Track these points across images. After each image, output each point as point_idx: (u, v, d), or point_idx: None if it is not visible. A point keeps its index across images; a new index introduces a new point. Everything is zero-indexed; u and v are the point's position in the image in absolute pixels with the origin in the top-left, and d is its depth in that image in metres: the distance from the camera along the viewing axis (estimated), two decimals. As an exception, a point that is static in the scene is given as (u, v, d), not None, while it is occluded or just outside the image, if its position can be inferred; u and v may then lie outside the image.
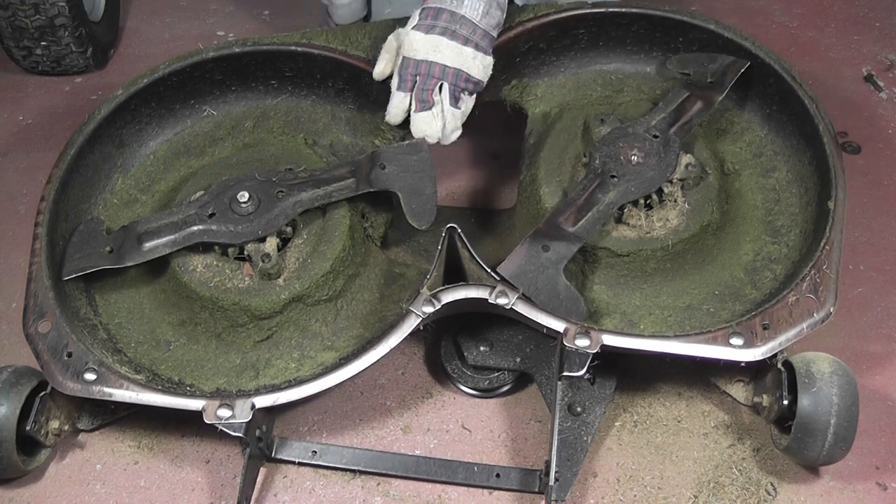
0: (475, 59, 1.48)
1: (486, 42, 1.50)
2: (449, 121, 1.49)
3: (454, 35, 1.46)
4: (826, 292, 1.34)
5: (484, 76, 1.51)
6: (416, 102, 1.48)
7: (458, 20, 1.46)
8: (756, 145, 1.63)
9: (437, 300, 1.34)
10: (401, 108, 1.51)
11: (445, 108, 1.48)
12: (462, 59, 1.47)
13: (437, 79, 1.47)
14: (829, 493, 1.38)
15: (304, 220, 1.49)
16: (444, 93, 1.47)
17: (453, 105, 1.48)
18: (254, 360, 1.42)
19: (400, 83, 1.49)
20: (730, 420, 1.46)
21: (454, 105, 1.49)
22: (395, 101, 1.51)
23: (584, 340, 1.30)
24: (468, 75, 1.48)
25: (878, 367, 1.53)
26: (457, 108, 1.49)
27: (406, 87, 1.49)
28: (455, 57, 1.46)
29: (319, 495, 1.40)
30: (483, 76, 1.51)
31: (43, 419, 1.35)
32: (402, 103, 1.50)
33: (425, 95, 1.47)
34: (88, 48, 2.13)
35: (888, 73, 2.08)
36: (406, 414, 1.50)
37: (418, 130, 1.49)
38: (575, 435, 1.38)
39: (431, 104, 1.47)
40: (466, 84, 1.49)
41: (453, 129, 1.51)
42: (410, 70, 1.47)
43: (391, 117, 1.53)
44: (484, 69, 1.50)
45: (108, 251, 1.45)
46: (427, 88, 1.47)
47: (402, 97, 1.49)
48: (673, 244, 1.45)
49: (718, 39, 1.64)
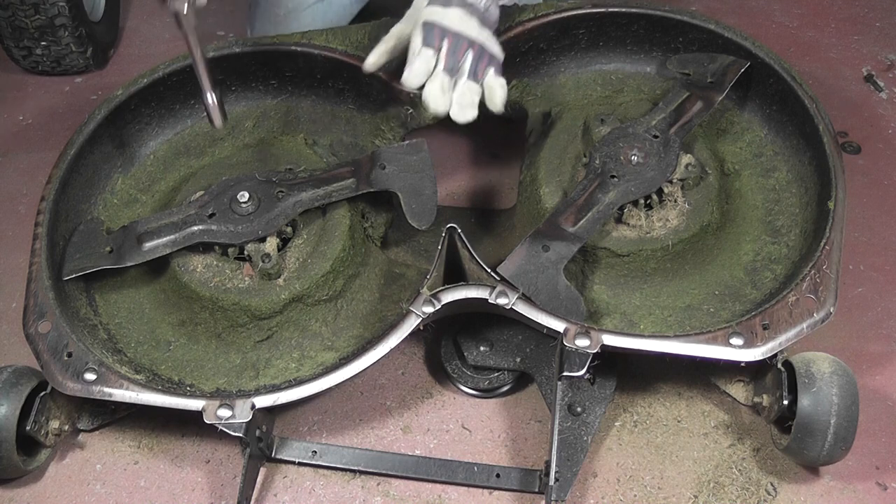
0: (492, 39, 1.42)
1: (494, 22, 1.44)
2: (465, 94, 1.38)
3: (473, 9, 1.39)
4: (826, 292, 1.34)
5: (502, 54, 1.43)
6: (444, 59, 1.36)
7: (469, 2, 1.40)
8: (756, 145, 1.63)
9: (437, 300, 1.35)
10: (427, 67, 1.37)
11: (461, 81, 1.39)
12: (484, 36, 1.40)
13: (465, 48, 1.37)
14: (829, 493, 1.38)
15: (304, 220, 1.49)
16: (466, 65, 1.38)
17: (473, 79, 1.39)
18: (254, 360, 1.42)
19: (426, 40, 1.37)
20: (730, 420, 1.46)
21: (474, 79, 1.39)
22: (422, 57, 1.36)
23: (584, 340, 1.30)
24: (491, 53, 1.41)
25: (878, 367, 1.53)
26: (476, 83, 1.39)
27: (435, 46, 1.37)
28: (478, 33, 1.39)
29: (319, 495, 1.40)
30: (501, 54, 1.43)
31: (43, 419, 1.35)
32: (430, 62, 1.37)
33: (456, 58, 1.37)
34: (88, 48, 2.13)
35: (888, 73, 2.08)
36: (406, 414, 1.50)
37: (434, 93, 1.37)
38: (575, 435, 1.38)
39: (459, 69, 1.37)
40: (491, 61, 1.41)
41: (469, 104, 1.38)
42: (437, 32, 1.37)
43: (413, 77, 1.37)
44: (500, 49, 1.43)
45: (108, 251, 1.45)
46: (458, 51, 1.37)
47: (430, 55, 1.37)
48: (673, 244, 1.45)
49: (718, 39, 1.64)
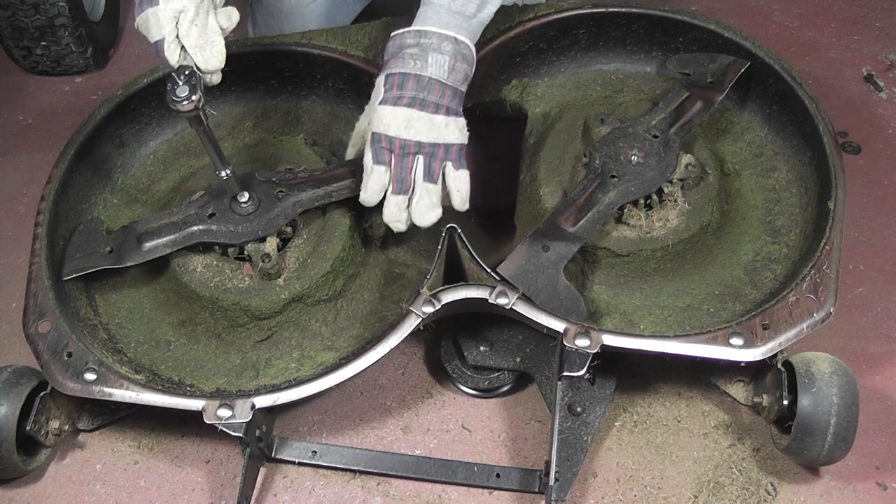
0: (448, 127, 1.37)
1: (457, 101, 1.40)
2: (423, 198, 1.37)
3: (424, 104, 1.36)
4: (826, 292, 1.34)
5: (462, 138, 1.39)
6: (393, 183, 1.37)
7: (424, 85, 1.36)
8: (756, 145, 1.63)
9: (437, 300, 1.34)
10: (381, 184, 1.37)
11: (418, 184, 1.37)
12: (436, 130, 1.36)
13: (413, 155, 1.36)
14: (829, 493, 1.38)
15: (304, 220, 1.49)
16: (418, 170, 1.37)
17: (429, 180, 1.37)
18: (254, 360, 1.42)
19: (377, 157, 1.36)
20: (730, 420, 1.46)
21: (430, 180, 1.37)
22: (374, 176, 1.37)
23: (584, 340, 1.30)
24: (446, 145, 1.37)
25: (878, 367, 1.53)
26: (434, 183, 1.37)
27: (385, 161, 1.36)
28: (428, 130, 1.36)
29: (319, 495, 1.40)
30: (461, 138, 1.39)
31: (43, 419, 1.35)
32: (383, 178, 1.37)
33: (404, 174, 1.36)
34: (88, 48, 2.13)
35: (888, 73, 2.07)
36: (406, 414, 1.50)
37: (391, 215, 1.38)
38: (575, 435, 1.38)
39: (409, 186, 1.37)
40: (447, 154, 1.38)
41: (430, 206, 1.38)
42: (384, 144, 1.36)
43: (369, 196, 1.38)
44: (460, 132, 1.39)
45: (108, 251, 1.45)
46: (405, 167, 1.36)
47: (382, 171, 1.37)
48: (673, 244, 1.45)
49: (718, 39, 1.64)
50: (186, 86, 1.25)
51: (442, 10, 1.39)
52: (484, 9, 1.42)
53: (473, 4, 1.40)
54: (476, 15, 1.41)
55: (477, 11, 1.41)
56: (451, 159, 1.38)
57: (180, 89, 1.25)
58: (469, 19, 1.40)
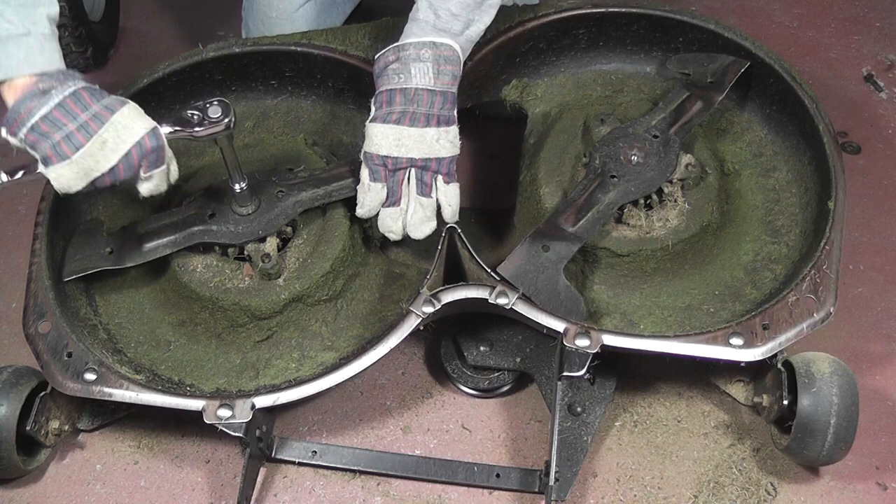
0: (439, 141, 1.37)
1: (448, 106, 1.38)
2: (417, 211, 1.38)
3: (414, 118, 1.36)
4: (826, 292, 1.34)
5: (454, 150, 1.39)
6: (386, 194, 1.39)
7: (412, 98, 1.35)
8: (756, 145, 1.63)
9: (437, 300, 1.34)
10: (377, 201, 1.39)
11: (412, 198, 1.39)
12: (427, 146, 1.36)
13: (404, 170, 1.37)
14: (829, 493, 1.38)
15: (304, 220, 1.49)
16: (410, 184, 1.38)
17: (423, 194, 1.38)
18: (254, 360, 1.42)
19: (372, 175, 1.38)
20: (730, 420, 1.46)
21: (424, 194, 1.38)
22: (371, 193, 1.38)
23: (584, 340, 1.30)
24: (437, 159, 1.37)
25: (878, 367, 1.53)
26: (428, 196, 1.38)
27: (381, 178, 1.38)
28: (419, 146, 1.36)
29: (319, 495, 1.40)
30: (453, 151, 1.39)
31: (43, 419, 1.35)
32: (380, 195, 1.39)
33: (395, 187, 1.38)
34: (88, 48, 2.13)
35: (888, 73, 2.07)
36: (406, 414, 1.50)
37: (385, 226, 1.40)
38: (575, 435, 1.39)
39: (400, 197, 1.38)
40: (439, 167, 1.38)
41: (424, 219, 1.39)
42: (377, 162, 1.37)
43: (365, 211, 1.40)
44: (451, 144, 1.38)
45: (109, 252, 1.45)
46: (396, 181, 1.38)
47: (378, 188, 1.38)
48: (673, 244, 1.45)
49: (718, 39, 1.64)
50: (220, 106, 1.26)
51: (427, 27, 1.37)
52: (471, 27, 1.40)
53: (459, 22, 1.38)
54: (463, 32, 1.39)
55: (464, 29, 1.39)
56: (442, 172, 1.39)
57: (213, 109, 1.25)
58: (456, 37, 1.38)
